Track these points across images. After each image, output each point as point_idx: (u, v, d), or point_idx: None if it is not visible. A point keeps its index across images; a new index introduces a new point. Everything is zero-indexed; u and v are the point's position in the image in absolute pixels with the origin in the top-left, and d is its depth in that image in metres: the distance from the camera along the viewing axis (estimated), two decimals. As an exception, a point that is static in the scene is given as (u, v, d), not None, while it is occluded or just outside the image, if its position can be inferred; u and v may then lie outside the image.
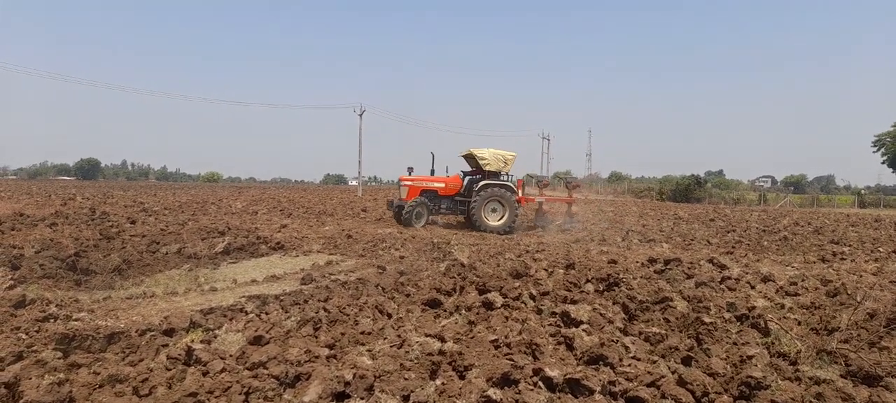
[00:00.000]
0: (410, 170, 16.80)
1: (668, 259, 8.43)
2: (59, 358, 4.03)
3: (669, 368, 3.77)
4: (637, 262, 8.81)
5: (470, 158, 17.33)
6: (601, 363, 3.84)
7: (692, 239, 13.82)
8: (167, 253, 9.25)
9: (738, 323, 5.05)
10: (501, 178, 16.70)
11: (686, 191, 52.74)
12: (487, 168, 16.29)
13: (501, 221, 15.92)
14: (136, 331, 4.69)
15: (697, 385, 3.45)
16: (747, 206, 44.96)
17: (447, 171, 17.53)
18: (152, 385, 3.46)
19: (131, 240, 10.27)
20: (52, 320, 5.11)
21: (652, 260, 8.66)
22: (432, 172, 17.18)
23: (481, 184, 16.13)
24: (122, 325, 4.99)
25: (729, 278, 7.05)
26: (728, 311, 5.37)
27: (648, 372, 3.60)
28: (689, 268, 7.77)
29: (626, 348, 4.14)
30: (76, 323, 5.01)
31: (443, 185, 16.71)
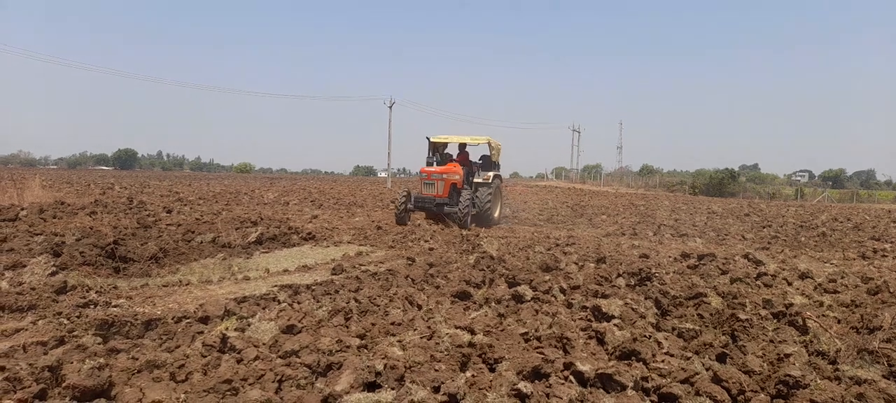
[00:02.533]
0: (432, 160, 14.77)
1: (701, 254, 8.30)
2: (99, 344, 4.14)
3: (704, 365, 3.71)
4: (670, 257, 8.68)
5: (436, 145, 15.19)
6: (633, 358, 3.80)
7: (726, 235, 13.56)
8: (202, 243, 9.43)
9: (775, 321, 4.95)
10: (494, 168, 15.56)
11: (720, 185, 51.72)
12: (494, 158, 15.44)
13: (497, 213, 15.25)
14: (172, 318, 4.79)
15: (733, 383, 3.39)
16: (783, 201, 43.92)
17: (437, 162, 15.35)
18: (188, 371, 3.53)
19: (167, 229, 10.50)
20: (92, 306, 5.26)
21: (685, 255, 8.54)
22: (429, 162, 14.80)
23: (492, 174, 14.96)
24: (158, 312, 5.10)
25: (765, 274, 6.91)
26: (764, 308, 5.26)
27: (682, 369, 3.55)
28: (723, 264, 7.64)
29: (659, 344, 4.09)
30: (115, 309, 5.14)
31: (458, 177, 14.46)
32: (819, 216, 21.83)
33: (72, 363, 3.69)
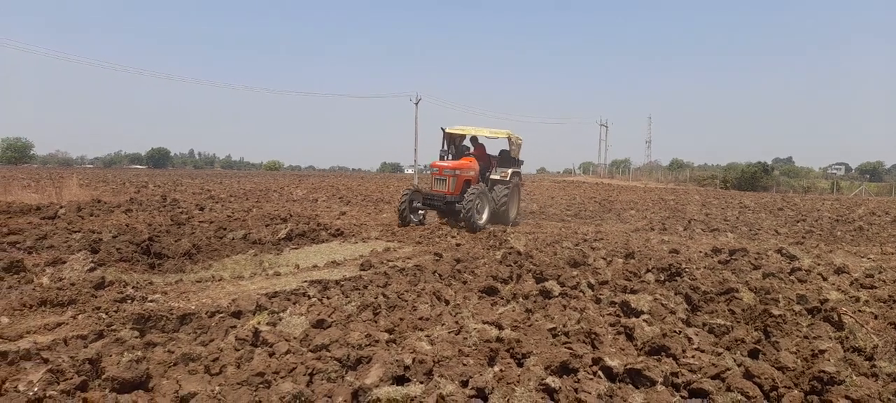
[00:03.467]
0: (445, 154, 13.52)
1: (733, 249, 8.17)
2: (136, 337, 4.26)
3: (735, 361, 3.66)
4: (700, 252, 8.56)
5: (451, 137, 13.84)
6: (663, 354, 3.77)
7: (759, 229, 13.29)
8: (233, 239, 9.61)
9: (809, 316, 4.85)
10: (513, 165, 14.36)
11: (752, 179, 50.63)
12: (513, 153, 14.05)
13: (514, 211, 14.06)
14: (206, 313, 4.91)
15: (766, 378, 3.34)
16: (818, 195, 42.85)
17: (451, 155, 14.04)
18: (222, 365, 3.62)
19: (200, 226, 10.72)
20: (129, 301, 5.41)
21: (716, 250, 8.41)
22: (442, 156, 13.54)
23: (511, 171, 13.75)
24: (193, 307, 5.22)
25: (799, 269, 6.77)
26: (798, 304, 5.16)
27: (713, 364, 3.51)
28: (755, 259, 7.51)
29: (690, 339, 4.05)
30: (151, 304, 5.28)
31: (473, 173, 13.26)
32: (856, 210, 21.26)
33: (111, 356, 3.81)
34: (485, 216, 12.33)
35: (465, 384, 3.29)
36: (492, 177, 13.64)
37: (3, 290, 5.77)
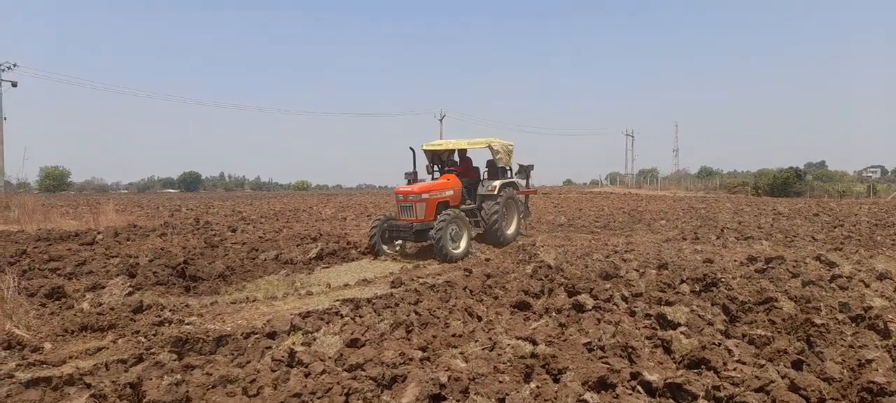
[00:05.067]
0: (411, 176, 12.19)
1: (769, 257, 7.99)
2: (174, 360, 4.34)
3: (779, 372, 3.57)
4: (735, 261, 8.39)
5: (434, 154, 12.84)
6: (703, 367, 3.70)
7: (795, 236, 12.98)
8: (266, 260, 9.73)
9: (853, 325, 4.71)
10: (508, 175, 13.15)
11: (784, 185, 49.49)
12: (500, 163, 12.55)
13: (513, 228, 12.69)
14: (241, 334, 4.97)
15: (812, 390, 3.25)
16: (855, 199, 41.70)
17: (429, 172, 12.96)
18: (260, 386, 3.65)
19: (233, 248, 10.88)
20: (166, 324, 5.51)
21: (752, 259, 8.24)
22: (414, 174, 12.29)
23: (499, 183, 12.26)
24: (228, 329, 5.29)
25: (839, 276, 6.58)
26: (841, 312, 5.02)
27: (756, 377, 3.42)
28: (793, 267, 7.33)
29: (730, 351, 3.96)
30: (188, 326, 5.36)
31: (451, 193, 11.68)
32: (895, 213, 20.64)
33: (151, 379, 3.87)
34: (463, 243, 10.64)
35: (501, 401, 3.27)
36: (480, 192, 12.31)
37: (45, 316, 5.92)
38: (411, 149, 12.17)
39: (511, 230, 12.54)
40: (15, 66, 31.01)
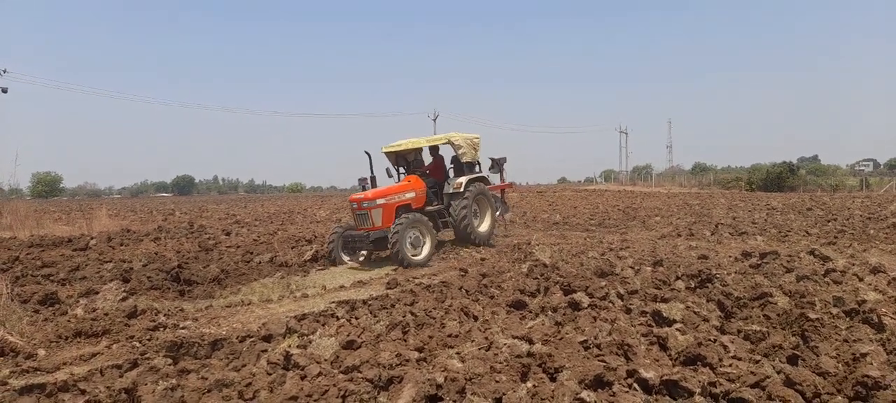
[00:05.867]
0: (365, 181, 11.25)
1: (763, 252, 8.01)
2: (169, 365, 4.32)
3: (774, 368, 3.57)
4: (730, 257, 8.41)
5: (397, 155, 12.30)
6: (699, 363, 3.70)
7: (788, 231, 13.02)
8: (260, 263, 9.72)
9: (848, 319, 4.72)
10: (475, 170, 12.44)
11: (778, 179, 49.70)
12: (464, 159, 11.86)
13: (486, 226, 12.05)
14: (237, 338, 4.95)
15: (807, 385, 3.26)
16: (848, 193, 41.90)
17: (389, 175, 12.17)
18: (256, 390, 3.64)
19: (227, 251, 10.86)
20: (161, 329, 5.49)
21: (746, 254, 8.26)
22: (372, 179, 11.31)
23: (465, 179, 11.51)
24: (223, 332, 5.27)
25: (833, 270, 6.61)
26: (835, 306, 5.04)
27: (751, 373, 3.43)
28: (788, 261, 7.36)
29: (725, 347, 3.96)
30: (183, 331, 5.35)
31: (413, 195, 11.04)
32: (888, 206, 20.73)
33: (146, 384, 3.86)
34: (425, 249, 10.07)
35: (498, 401, 3.26)
36: (445, 191, 11.65)
37: (38, 322, 5.89)
38: (367, 153, 11.25)
39: (484, 227, 11.96)
40: (5, 72, 30.78)
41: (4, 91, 31.00)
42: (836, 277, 6.33)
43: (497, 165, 14.21)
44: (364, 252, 10.27)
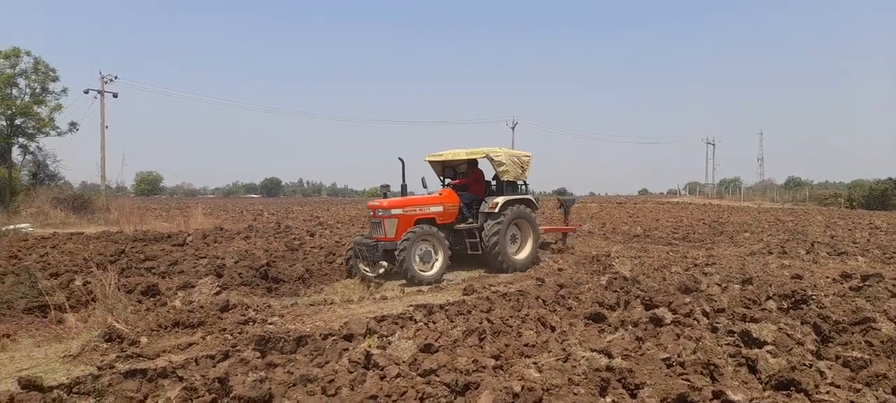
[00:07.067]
0: (386, 189, 10.24)
1: (866, 274, 7.47)
2: (258, 358, 4.55)
3: (877, 398, 3.34)
4: (827, 278, 7.91)
5: (443, 165, 11.61)
6: (793, 388, 3.51)
7: (894, 252, 12.07)
8: (342, 264, 10.02)
9: (964, 351, 4.34)
10: (519, 189, 11.40)
11: (882, 197, 45.93)
12: (505, 177, 10.87)
13: (526, 253, 10.82)
14: (320, 335, 5.15)
15: (914, 419, 3.02)
16: (966, 213, 38.26)
17: (424, 185, 11.19)
18: (338, 386, 3.77)
19: (311, 252, 11.28)
20: (251, 323, 5.80)
21: (846, 276, 7.73)
22: (403, 188, 10.52)
23: (502, 200, 10.43)
24: (308, 329, 5.49)
25: (948, 297, 6.07)
26: (949, 336, 4.63)
27: (851, 402, 3.22)
28: (893, 285, 6.82)
29: (822, 373, 3.73)
30: (270, 326, 5.62)
31: (440, 209, 10.20)
32: None
33: (237, 375, 4.08)
34: (437, 265, 9.29)
35: (576, 414, 3.23)
36: (482, 210, 10.60)
37: (141, 312, 6.35)
38: (400, 159, 10.42)
39: (522, 255, 10.74)
40: (116, 78, 33.35)
41: (115, 96, 33.52)
42: (950, 305, 5.82)
43: (563, 205, 13.83)
44: (384, 264, 9.26)
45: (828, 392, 3.40)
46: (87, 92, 32.65)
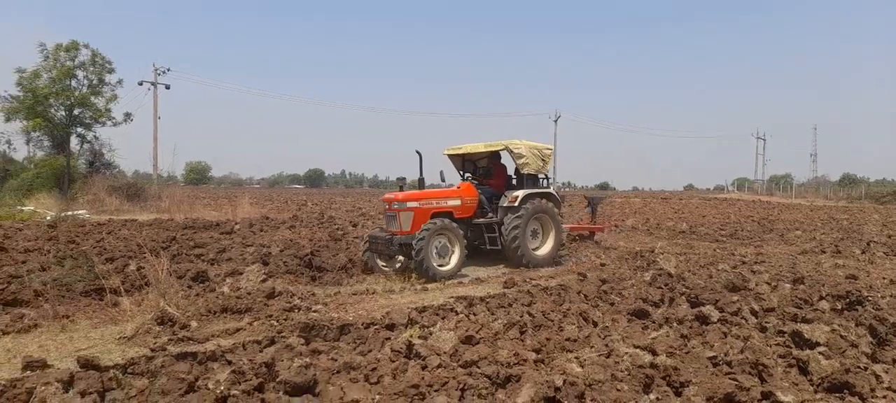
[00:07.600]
0: (403, 182, 10.32)
1: (927, 276, 7.15)
2: (303, 344, 4.65)
3: (937, 405, 3.20)
4: (884, 278, 7.60)
5: (463, 159, 11.42)
6: (846, 391, 3.40)
7: (958, 253, 11.48)
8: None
9: None
10: (540, 183, 11.08)
11: (946, 194, 43.81)
12: (525, 170, 10.53)
13: (547, 249, 10.47)
14: (362, 324, 5.23)
15: (979, 428, 2.89)
16: None
17: (442, 179, 10.95)
18: (380, 375, 3.82)
19: (354, 242, 11.43)
20: (296, 310, 5.92)
21: (905, 277, 7.41)
22: (420, 181, 10.38)
23: (523, 193, 10.15)
24: (350, 318, 5.58)
25: None
26: None
27: (909, 408, 3.10)
28: (957, 288, 6.51)
29: (878, 377, 3.60)
30: (315, 314, 5.73)
31: (458, 202, 10.00)
32: None
33: (282, 360, 4.18)
34: (453, 260, 8.95)
35: (619, 410, 3.20)
36: (501, 204, 10.32)
37: (191, 297, 6.55)
38: (418, 152, 10.13)
39: (543, 251, 10.42)
40: (168, 70, 34.37)
41: (167, 87, 34.57)
42: None
43: (592, 204, 13.72)
44: (401, 258, 9.27)
45: (885, 397, 3.28)
46: (141, 83, 33.82)
